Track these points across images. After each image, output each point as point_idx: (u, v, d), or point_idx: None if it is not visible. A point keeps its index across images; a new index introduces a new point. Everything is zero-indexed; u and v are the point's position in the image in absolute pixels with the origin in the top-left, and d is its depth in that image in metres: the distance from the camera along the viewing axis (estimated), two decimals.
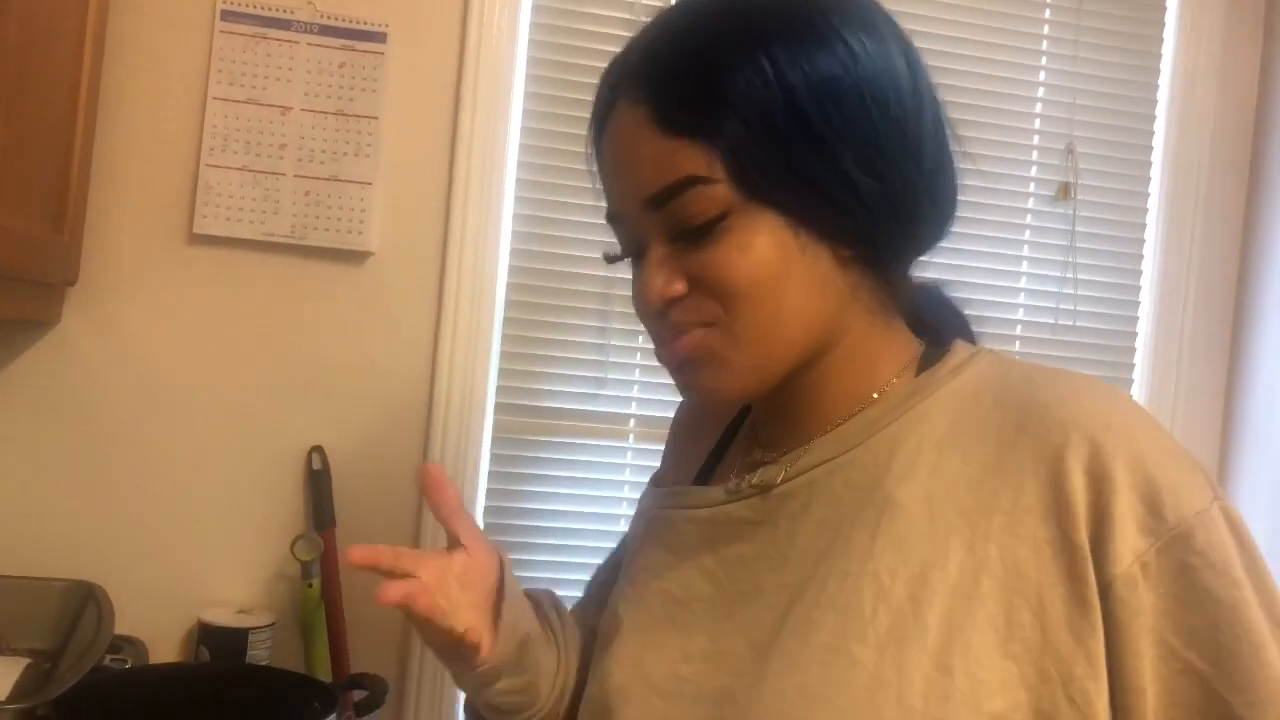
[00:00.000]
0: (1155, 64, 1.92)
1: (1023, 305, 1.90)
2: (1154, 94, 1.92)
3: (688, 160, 0.67)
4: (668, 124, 0.67)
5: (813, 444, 0.74)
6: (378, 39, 1.63)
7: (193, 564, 1.60)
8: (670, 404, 0.97)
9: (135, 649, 1.48)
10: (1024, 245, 1.90)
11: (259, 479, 1.62)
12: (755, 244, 0.67)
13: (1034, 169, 1.89)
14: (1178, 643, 0.61)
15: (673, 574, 0.78)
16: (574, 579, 1.01)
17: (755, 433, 0.82)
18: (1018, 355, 1.26)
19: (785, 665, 0.67)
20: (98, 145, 1.52)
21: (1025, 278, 1.90)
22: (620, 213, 0.73)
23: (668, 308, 0.70)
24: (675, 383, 0.74)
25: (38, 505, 1.55)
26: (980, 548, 0.64)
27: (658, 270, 0.70)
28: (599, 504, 1.76)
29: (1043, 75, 1.90)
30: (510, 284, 1.71)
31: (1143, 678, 0.61)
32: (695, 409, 0.93)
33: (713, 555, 0.76)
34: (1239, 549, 0.62)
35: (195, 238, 1.60)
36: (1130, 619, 0.61)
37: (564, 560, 1.72)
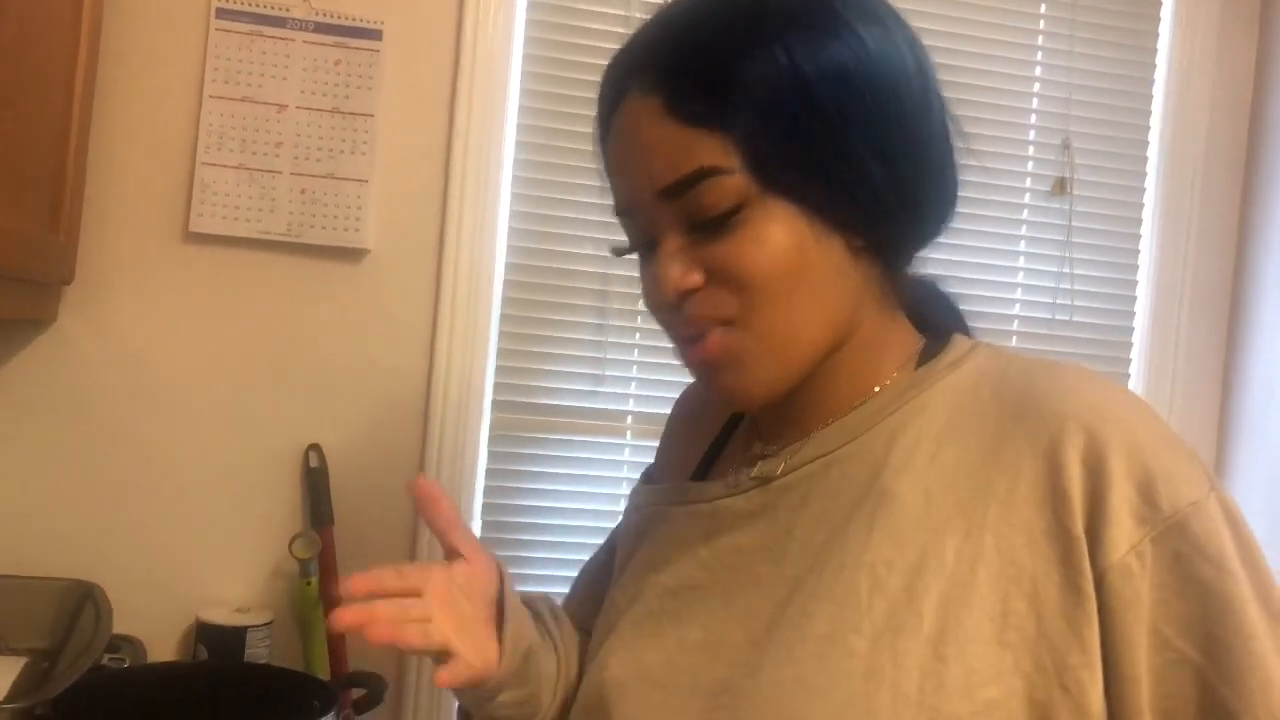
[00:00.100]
0: (1151, 59, 1.92)
1: (1019, 300, 1.90)
2: (1150, 89, 1.92)
3: (704, 150, 0.66)
4: (682, 114, 0.66)
5: (812, 437, 0.74)
6: (373, 36, 1.63)
7: (191, 563, 1.60)
8: (667, 400, 0.97)
9: (133, 648, 1.47)
10: (1020, 240, 1.90)
11: (256, 477, 1.62)
12: (772, 235, 0.66)
13: (1030, 164, 1.89)
14: (1171, 632, 0.61)
15: (670, 567, 0.78)
16: (571, 575, 1.01)
17: (756, 426, 0.82)
18: (1014, 349, 1.26)
19: (782, 656, 0.67)
20: (93, 144, 1.51)
21: (1022, 272, 1.90)
22: (631, 206, 0.72)
23: (682, 300, 0.69)
24: (701, 384, 0.73)
25: (35, 504, 1.55)
26: (976, 537, 0.65)
27: (673, 262, 0.68)
28: (596, 500, 1.76)
29: (1038, 70, 1.90)
30: (507, 281, 1.71)
31: (1137, 667, 0.61)
32: (694, 404, 0.93)
33: (711, 548, 0.76)
34: (1235, 540, 0.62)
35: (191, 236, 1.59)
36: (1125, 608, 0.61)
37: (561, 557, 1.72)
